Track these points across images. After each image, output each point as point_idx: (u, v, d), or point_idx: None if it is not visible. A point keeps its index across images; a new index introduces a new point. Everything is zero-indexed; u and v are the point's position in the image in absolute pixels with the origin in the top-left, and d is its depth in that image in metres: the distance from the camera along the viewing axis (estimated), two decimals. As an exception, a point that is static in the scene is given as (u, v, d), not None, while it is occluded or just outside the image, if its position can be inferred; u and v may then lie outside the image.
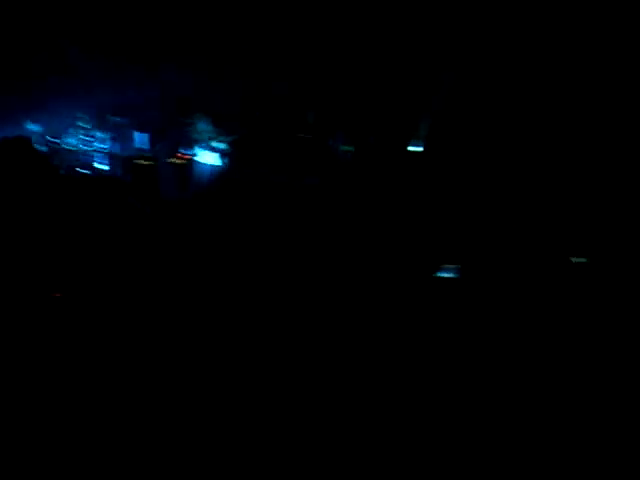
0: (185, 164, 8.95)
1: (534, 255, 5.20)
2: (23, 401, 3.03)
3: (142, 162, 9.44)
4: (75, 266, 4.36)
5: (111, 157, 10.11)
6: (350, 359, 3.50)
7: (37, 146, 9.16)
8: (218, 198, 8.53)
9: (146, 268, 4.75)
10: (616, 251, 5.01)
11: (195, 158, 8.85)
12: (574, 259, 5.16)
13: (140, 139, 10.73)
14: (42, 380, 3.21)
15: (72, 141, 10.77)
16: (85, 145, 10.37)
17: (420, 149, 9.16)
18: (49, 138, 9.83)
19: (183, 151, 8.98)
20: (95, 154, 10.22)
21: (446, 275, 5.06)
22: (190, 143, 8.90)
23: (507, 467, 2.51)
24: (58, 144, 9.81)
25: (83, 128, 10.57)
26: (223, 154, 8.83)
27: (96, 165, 10.08)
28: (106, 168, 10.04)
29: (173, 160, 8.94)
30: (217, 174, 8.83)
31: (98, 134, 10.17)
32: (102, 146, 10.19)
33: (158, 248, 5.39)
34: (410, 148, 8.69)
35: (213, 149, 8.76)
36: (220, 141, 8.74)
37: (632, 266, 4.80)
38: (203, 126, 8.81)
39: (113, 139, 10.18)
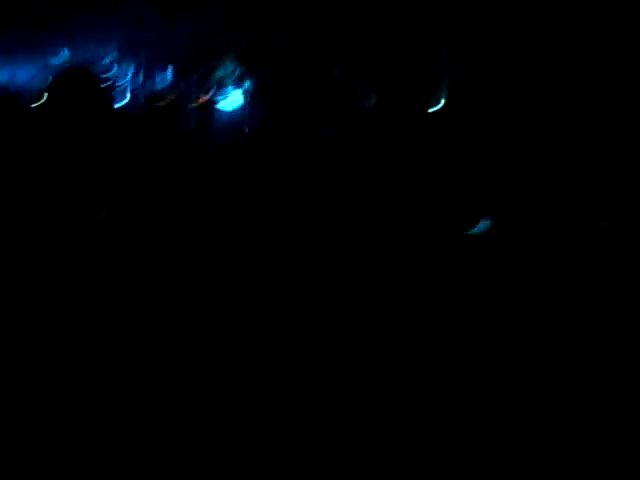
0: (207, 106, 8.80)
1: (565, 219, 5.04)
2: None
3: (162, 102, 9.29)
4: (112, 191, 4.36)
5: (131, 93, 9.97)
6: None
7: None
8: (238, 144, 8.41)
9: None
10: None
11: (218, 101, 8.70)
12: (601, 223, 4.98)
13: (163, 77, 10.55)
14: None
15: (95, 72, 10.62)
16: (105, 80, 10.23)
17: (438, 107, 8.91)
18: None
19: (206, 93, 8.82)
20: (115, 89, 10.08)
21: (476, 231, 4.91)
22: (214, 85, 8.72)
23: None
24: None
25: (105, 62, 10.42)
26: (246, 98, 8.67)
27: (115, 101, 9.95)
28: (123, 104, 9.89)
29: (195, 101, 8.79)
30: (239, 118, 8.69)
31: (120, 69, 10.01)
32: (123, 81, 10.05)
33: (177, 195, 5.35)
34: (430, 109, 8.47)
35: (236, 93, 8.59)
36: (244, 85, 8.57)
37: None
38: (228, 69, 8.63)
39: (135, 75, 10.02)
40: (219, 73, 8.72)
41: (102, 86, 9.55)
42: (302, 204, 5.42)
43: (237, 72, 8.69)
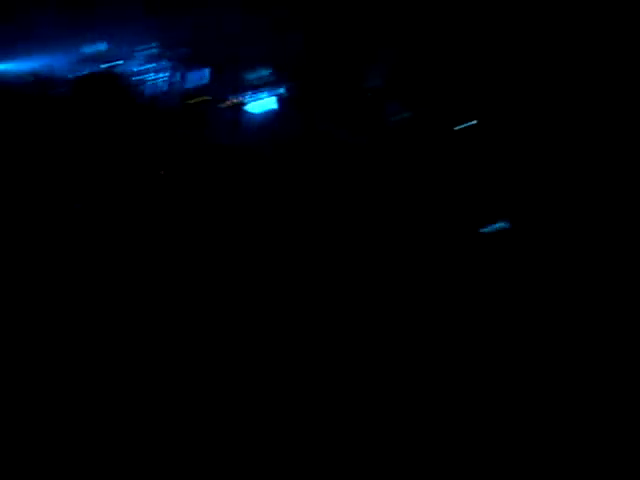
0: (237, 108, 8.91)
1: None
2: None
3: (194, 100, 9.41)
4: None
5: (167, 88, 10.11)
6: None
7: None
8: (266, 147, 8.50)
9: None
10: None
11: (248, 103, 8.81)
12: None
13: (200, 74, 10.68)
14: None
15: (132, 67, 10.81)
16: (143, 73, 10.39)
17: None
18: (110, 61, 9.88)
19: (237, 95, 8.93)
20: (150, 83, 10.23)
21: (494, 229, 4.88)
22: (246, 86, 8.84)
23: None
24: (117, 66, 9.85)
25: (147, 55, 10.58)
26: (277, 102, 8.77)
27: (148, 93, 10.09)
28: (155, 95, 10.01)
29: (226, 102, 8.90)
30: (269, 122, 8.79)
31: (158, 65, 10.16)
32: (160, 76, 10.19)
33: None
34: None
35: (269, 98, 8.71)
36: (276, 88, 8.68)
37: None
38: (261, 71, 8.75)
39: (173, 71, 10.16)
40: (253, 76, 8.84)
41: (133, 78, 9.74)
42: (329, 209, 5.48)
43: (271, 78, 8.81)
